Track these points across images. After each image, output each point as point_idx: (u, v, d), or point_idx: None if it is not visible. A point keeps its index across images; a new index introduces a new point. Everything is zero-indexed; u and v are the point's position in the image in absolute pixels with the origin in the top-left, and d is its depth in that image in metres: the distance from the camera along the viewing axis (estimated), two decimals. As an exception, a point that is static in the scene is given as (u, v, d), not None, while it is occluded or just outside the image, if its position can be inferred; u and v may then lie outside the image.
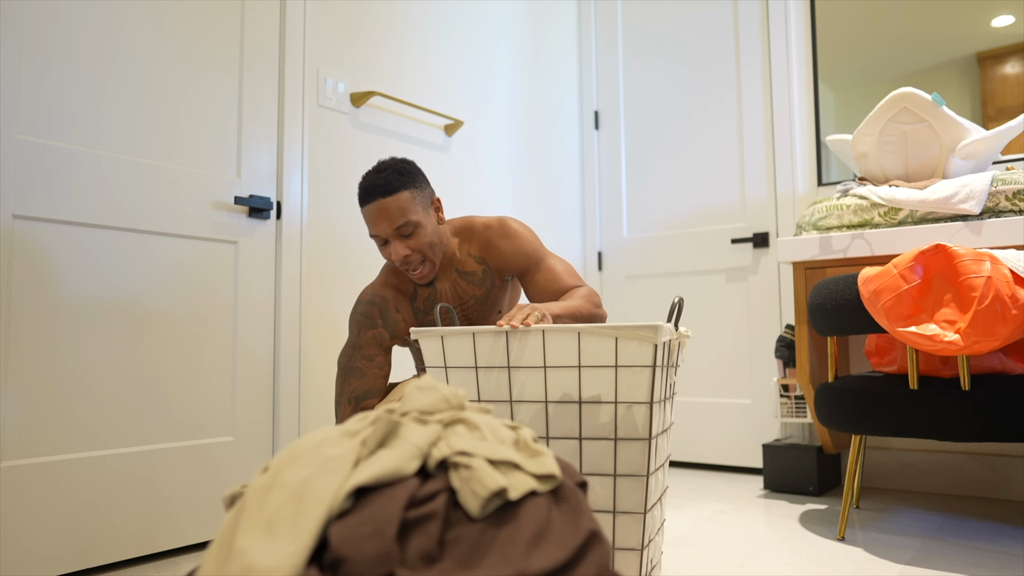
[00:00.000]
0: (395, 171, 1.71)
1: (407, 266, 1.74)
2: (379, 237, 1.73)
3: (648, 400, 1.34)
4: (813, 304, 2.10)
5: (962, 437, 1.85)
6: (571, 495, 0.67)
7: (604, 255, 3.62)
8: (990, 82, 2.73)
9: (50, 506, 1.79)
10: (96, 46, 1.94)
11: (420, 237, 1.72)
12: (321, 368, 2.40)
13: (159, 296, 2.03)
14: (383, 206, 1.69)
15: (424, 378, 0.78)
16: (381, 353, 1.81)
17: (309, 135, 2.41)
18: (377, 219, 1.70)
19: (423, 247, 1.73)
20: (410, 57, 2.78)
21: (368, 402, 1.79)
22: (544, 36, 3.50)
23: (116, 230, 1.95)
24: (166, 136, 2.07)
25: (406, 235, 1.71)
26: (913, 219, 2.36)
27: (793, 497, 2.64)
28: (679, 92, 3.44)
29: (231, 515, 0.64)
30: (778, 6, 3.16)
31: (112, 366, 1.93)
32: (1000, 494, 2.60)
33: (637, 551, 1.37)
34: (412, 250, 1.72)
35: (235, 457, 2.17)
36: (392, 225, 1.70)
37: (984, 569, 1.80)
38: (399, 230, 1.70)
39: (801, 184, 3.08)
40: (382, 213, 1.69)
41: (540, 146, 3.42)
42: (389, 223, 1.70)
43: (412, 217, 1.70)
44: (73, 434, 1.85)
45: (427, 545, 0.59)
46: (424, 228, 1.73)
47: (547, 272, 1.83)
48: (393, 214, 1.69)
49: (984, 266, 1.75)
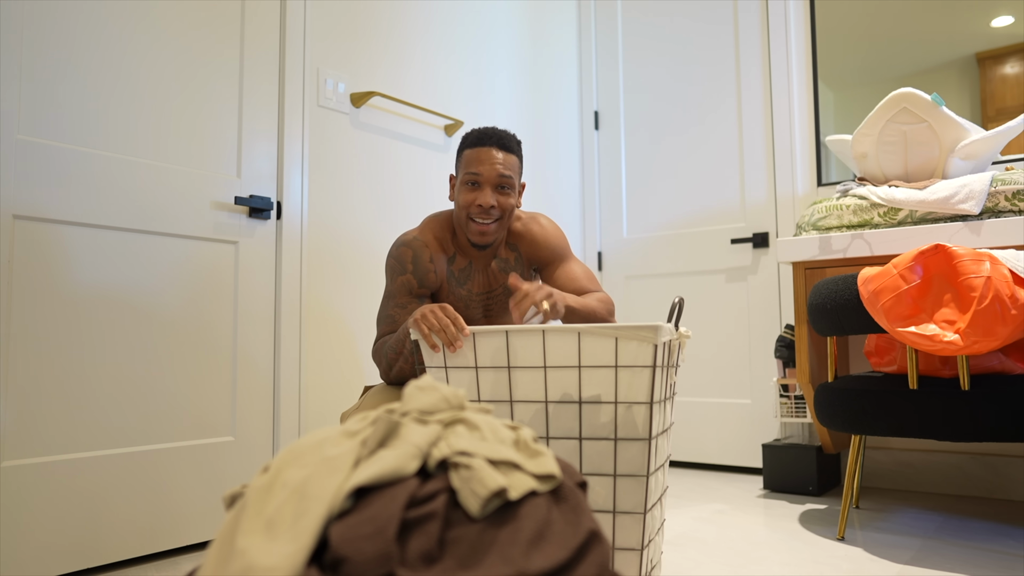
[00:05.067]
0: (514, 137, 1.84)
1: (485, 216, 1.78)
2: (477, 176, 1.77)
3: (648, 400, 1.34)
4: (813, 304, 2.10)
5: (962, 437, 1.85)
6: (571, 495, 0.67)
7: (604, 255, 3.62)
8: (990, 82, 2.73)
9: (50, 506, 1.79)
10: (96, 46, 1.94)
11: (509, 198, 1.80)
12: (321, 368, 2.40)
13: (159, 296, 2.03)
14: (495, 153, 1.78)
15: (424, 378, 0.78)
16: (413, 301, 1.81)
17: (309, 135, 2.41)
18: (488, 159, 1.78)
19: (507, 208, 1.80)
20: (410, 57, 2.78)
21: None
22: (544, 36, 3.50)
23: (116, 230, 1.95)
24: (166, 136, 2.07)
25: (502, 187, 1.79)
26: (913, 219, 2.36)
27: (793, 497, 2.64)
28: (679, 92, 3.44)
29: (231, 515, 0.64)
30: (778, 6, 3.16)
31: (112, 366, 1.93)
32: (1000, 494, 2.60)
33: (637, 551, 1.37)
34: (498, 205, 1.78)
35: (235, 457, 2.17)
36: (497, 172, 1.77)
37: (984, 569, 1.80)
38: (501, 179, 1.77)
39: (801, 184, 3.08)
40: (493, 158, 1.78)
41: (540, 146, 3.42)
42: (496, 169, 1.77)
43: (514, 178, 1.80)
44: (73, 434, 1.85)
45: (427, 545, 0.59)
46: (514, 194, 1.82)
47: (569, 272, 1.90)
48: (504, 165, 1.78)
49: (984, 266, 1.75)
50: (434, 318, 1.46)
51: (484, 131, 1.80)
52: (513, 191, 1.81)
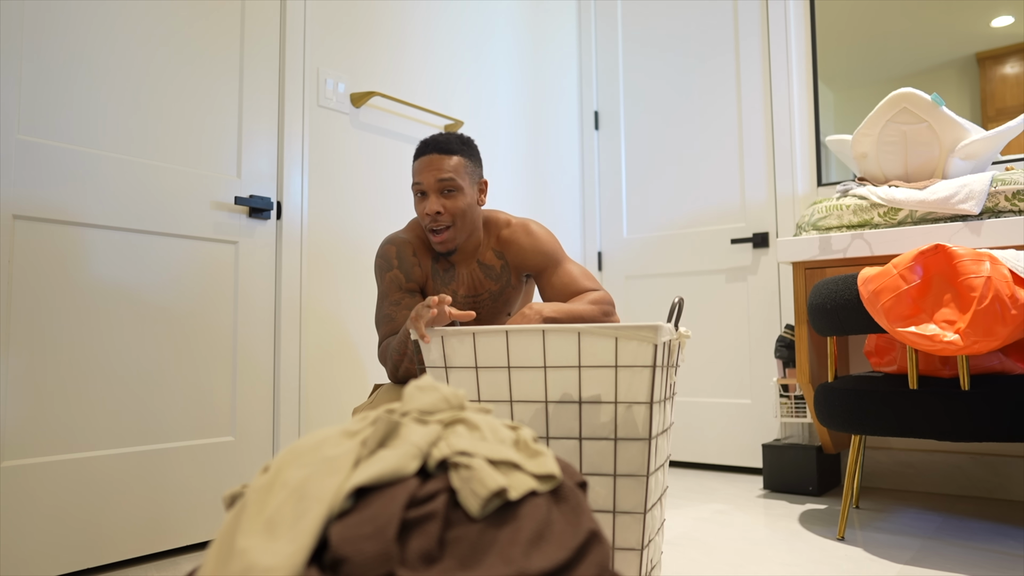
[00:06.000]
0: (458, 138, 1.82)
1: (435, 224, 1.78)
2: (420, 186, 1.78)
3: (648, 400, 1.34)
4: (813, 304, 2.10)
5: (962, 437, 1.85)
6: (571, 495, 0.67)
7: (604, 255, 3.62)
8: (990, 82, 2.73)
9: (50, 506, 1.79)
10: (96, 46, 1.94)
11: (457, 201, 1.78)
12: (321, 368, 2.40)
13: (159, 296, 2.03)
14: (435, 159, 1.77)
15: (424, 378, 0.78)
16: (405, 295, 1.82)
17: (309, 135, 2.41)
18: (425, 169, 1.78)
19: (456, 212, 1.78)
20: (410, 57, 2.78)
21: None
22: (544, 36, 3.50)
23: (116, 230, 1.95)
24: (166, 136, 2.07)
25: (447, 191, 1.77)
26: (913, 219, 2.36)
27: (793, 497, 2.64)
28: (679, 92, 3.44)
29: (231, 515, 0.64)
30: (778, 6, 3.16)
31: (112, 366, 1.93)
32: (1000, 494, 2.60)
33: (637, 551, 1.37)
34: (445, 210, 1.77)
35: (235, 457, 2.17)
36: (436, 177, 1.76)
37: (984, 569, 1.80)
38: (441, 183, 1.76)
39: (801, 184, 3.08)
40: (432, 165, 1.77)
41: (540, 146, 3.42)
42: (434, 175, 1.76)
43: (457, 180, 1.77)
44: (73, 434, 1.85)
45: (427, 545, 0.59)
46: (463, 195, 1.79)
47: (564, 275, 1.86)
48: (444, 169, 1.77)
49: (984, 266, 1.75)
50: (424, 310, 1.47)
51: (426, 140, 1.81)
52: (460, 192, 1.78)
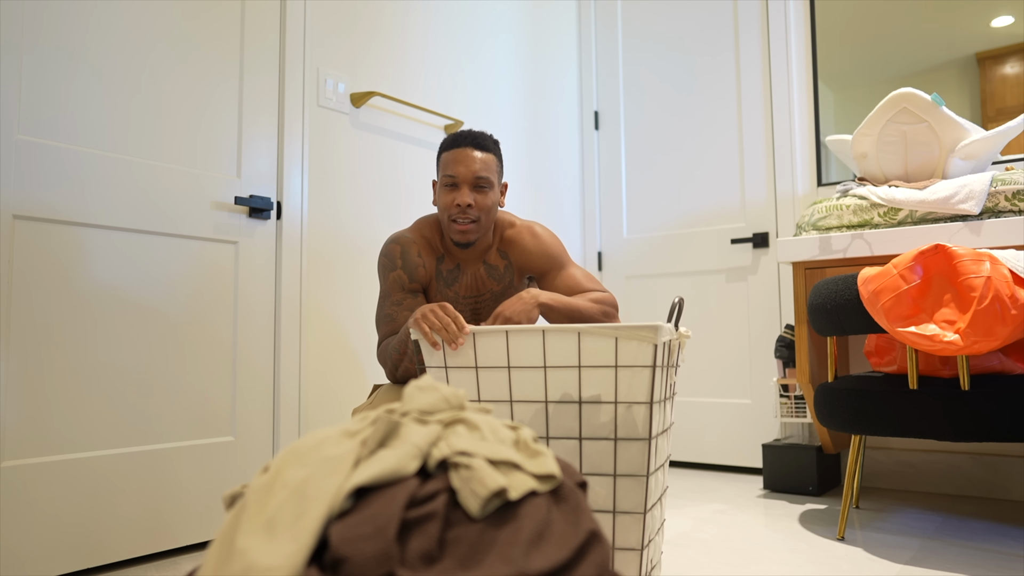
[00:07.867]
0: (490, 137, 1.86)
1: (463, 215, 1.79)
2: (455, 178, 1.79)
3: (648, 400, 1.34)
4: (813, 304, 2.10)
5: (962, 437, 1.85)
6: (571, 495, 0.67)
7: (604, 255, 3.62)
8: (990, 82, 2.73)
9: (50, 506, 1.79)
10: (96, 46, 1.94)
11: (487, 197, 1.81)
12: (321, 368, 2.40)
13: (159, 296, 2.03)
14: (471, 153, 1.80)
15: (424, 378, 0.78)
16: (407, 296, 1.82)
17: (309, 135, 2.41)
18: (464, 160, 1.80)
19: (484, 208, 1.81)
20: (410, 57, 2.78)
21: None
22: (544, 36, 3.50)
23: (116, 230, 1.95)
24: (166, 136, 2.07)
25: (479, 187, 1.80)
26: (913, 219, 2.36)
27: (793, 497, 2.64)
28: (679, 92, 3.44)
29: (231, 515, 0.64)
30: (778, 6, 3.16)
31: (112, 366, 1.93)
32: (1000, 494, 2.60)
33: (637, 551, 1.37)
34: (475, 204, 1.79)
35: (235, 457, 2.17)
36: (474, 173, 1.79)
37: (984, 569, 1.80)
38: (477, 180, 1.79)
39: (801, 184, 3.08)
40: (470, 159, 1.80)
41: (540, 146, 3.42)
42: (473, 170, 1.79)
43: (490, 176, 1.81)
44: (73, 434, 1.85)
45: (427, 545, 0.59)
46: (493, 192, 1.83)
47: (567, 278, 1.89)
48: (479, 164, 1.80)
49: (984, 266, 1.75)
50: (434, 317, 1.47)
51: (460, 133, 1.83)
52: (492, 189, 1.82)
